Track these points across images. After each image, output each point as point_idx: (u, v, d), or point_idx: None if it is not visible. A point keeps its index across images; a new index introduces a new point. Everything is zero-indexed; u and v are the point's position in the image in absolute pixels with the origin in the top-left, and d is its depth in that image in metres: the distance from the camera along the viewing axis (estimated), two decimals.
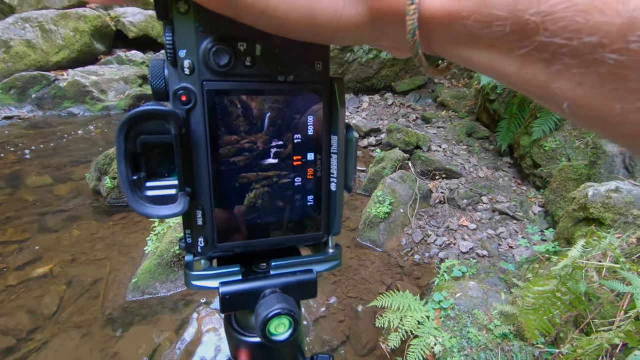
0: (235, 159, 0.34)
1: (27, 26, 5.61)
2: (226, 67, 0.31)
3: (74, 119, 5.16)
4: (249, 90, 0.33)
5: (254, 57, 0.32)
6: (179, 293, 2.44)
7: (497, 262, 2.68)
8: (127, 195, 0.29)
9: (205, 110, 0.32)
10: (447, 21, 0.20)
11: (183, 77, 0.31)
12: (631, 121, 0.18)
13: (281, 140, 0.35)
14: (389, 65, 5.74)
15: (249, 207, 0.36)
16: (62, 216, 3.15)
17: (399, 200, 3.17)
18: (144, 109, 0.28)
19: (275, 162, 0.35)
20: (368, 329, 2.26)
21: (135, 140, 0.29)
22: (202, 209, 0.34)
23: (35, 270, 2.58)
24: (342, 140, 0.37)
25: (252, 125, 0.33)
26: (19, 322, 2.21)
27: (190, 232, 0.35)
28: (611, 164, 2.48)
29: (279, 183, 0.36)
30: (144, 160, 0.31)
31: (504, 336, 1.72)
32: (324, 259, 0.40)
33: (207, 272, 0.36)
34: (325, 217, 0.39)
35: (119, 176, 0.29)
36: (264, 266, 0.39)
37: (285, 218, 0.38)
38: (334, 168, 0.38)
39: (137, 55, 6.37)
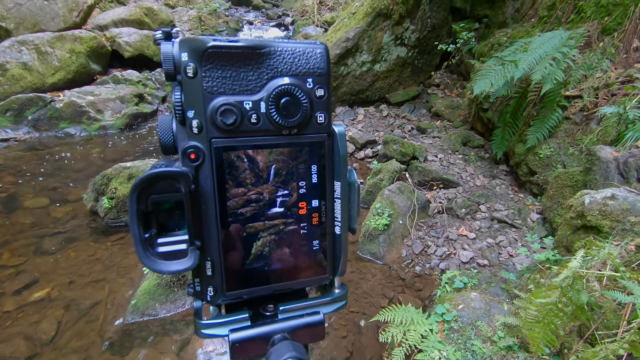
0: (243, 210, 0.35)
1: (23, 49, 5.65)
2: (232, 125, 0.33)
3: (70, 139, 5.16)
4: (255, 145, 0.34)
5: (259, 114, 0.34)
6: (179, 313, 2.41)
7: (498, 272, 2.67)
8: (139, 253, 0.30)
9: (213, 167, 0.33)
10: None
11: (191, 136, 0.33)
12: None
13: (286, 190, 0.36)
14: (383, 77, 5.81)
15: (256, 255, 0.37)
16: (59, 238, 3.13)
17: (398, 211, 3.18)
18: (155, 172, 0.30)
19: (281, 211, 0.37)
20: (371, 343, 2.24)
21: (147, 200, 0.31)
22: (211, 260, 0.35)
23: (32, 295, 2.55)
24: (344, 185, 0.38)
25: (258, 177, 0.35)
26: (15, 349, 2.16)
27: (199, 281, 0.36)
28: (606, 170, 2.51)
29: (285, 230, 0.37)
30: (154, 217, 0.32)
31: (508, 348, 1.71)
32: (330, 300, 0.41)
33: (216, 320, 0.37)
34: (331, 260, 0.40)
35: (131, 235, 0.30)
36: (271, 307, 0.39)
37: (292, 263, 0.38)
38: (338, 212, 0.39)
39: (133, 74, 6.42)
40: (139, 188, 0.30)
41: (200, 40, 0.32)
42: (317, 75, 0.36)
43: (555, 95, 3.31)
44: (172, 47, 0.32)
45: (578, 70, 3.26)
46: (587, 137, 3.06)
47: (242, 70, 0.33)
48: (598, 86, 3.16)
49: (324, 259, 0.40)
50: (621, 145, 2.59)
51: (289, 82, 0.34)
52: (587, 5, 3.74)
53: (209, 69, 0.32)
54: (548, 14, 4.22)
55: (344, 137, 0.38)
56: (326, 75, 0.36)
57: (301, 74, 0.35)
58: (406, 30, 5.60)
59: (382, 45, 5.57)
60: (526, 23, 4.59)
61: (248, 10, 12.15)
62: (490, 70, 3.56)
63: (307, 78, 0.35)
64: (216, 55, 0.32)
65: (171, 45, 0.32)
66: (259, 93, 0.34)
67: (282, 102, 0.34)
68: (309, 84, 0.35)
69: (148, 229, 0.32)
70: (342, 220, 0.39)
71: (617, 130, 2.82)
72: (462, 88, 5.74)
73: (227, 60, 0.33)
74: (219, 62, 0.33)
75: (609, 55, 3.31)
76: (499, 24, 5.14)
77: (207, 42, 0.32)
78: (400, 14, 5.40)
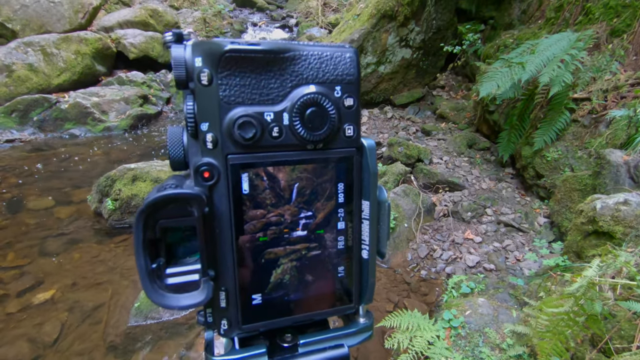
0: (261, 234, 0.32)
1: (29, 50, 5.68)
2: (252, 140, 0.29)
3: (75, 140, 5.17)
4: (277, 162, 0.31)
5: (281, 126, 0.30)
6: (183, 317, 2.39)
7: (505, 276, 2.63)
8: (145, 287, 0.27)
9: (230, 186, 0.30)
10: None
11: (205, 151, 0.29)
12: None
13: (310, 211, 0.33)
14: (387, 79, 5.78)
15: (275, 283, 0.33)
16: (63, 239, 3.12)
17: (403, 214, 3.14)
18: (164, 194, 0.26)
19: (304, 235, 0.33)
20: (377, 349, 2.21)
21: (155, 226, 0.27)
22: (226, 290, 0.32)
23: (35, 297, 2.54)
24: (374, 205, 0.35)
25: (279, 197, 0.32)
26: (19, 351, 2.15)
27: (211, 312, 0.32)
28: (616, 174, 2.46)
29: (307, 256, 0.34)
30: (162, 244, 0.29)
31: (517, 357, 1.67)
32: (355, 331, 0.37)
33: (230, 356, 0.33)
34: (357, 287, 0.37)
35: (136, 266, 0.27)
36: (289, 338, 0.36)
37: (315, 292, 0.35)
38: (366, 235, 0.35)
39: (138, 75, 6.44)
40: (145, 213, 0.26)
41: (217, 43, 0.28)
42: (346, 83, 0.32)
43: (563, 98, 3.27)
44: (185, 50, 0.28)
45: (586, 72, 3.22)
46: (596, 140, 3.02)
47: (263, 78, 0.30)
48: (607, 88, 3.12)
49: (350, 286, 0.36)
50: (632, 148, 2.55)
51: (316, 90, 0.31)
52: (595, 7, 3.70)
53: (226, 76, 0.29)
54: (555, 16, 4.18)
55: (374, 152, 0.34)
56: (356, 82, 0.32)
57: (329, 82, 0.31)
58: (411, 32, 5.58)
59: (386, 47, 5.54)
60: (533, 25, 4.55)
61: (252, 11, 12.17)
62: (496, 72, 3.53)
63: (335, 86, 0.32)
64: (234, 60, 0.29)
65: (183, 49, 0.28)
66: (282, 103, 0.30)
67: (308, 113, 0.30)
68: (337, 92, 0.32)
69: (155, 258, 0.28)
70: (371, 243, 0.35)
71: (627, 133, 2.77)
72: (467, 90, 5.70)
73: (247, 66, 0.29)
74: (237, 68, 0.29)
75: (618, 57, 3.27)
76: (505, 26, 5.10)
77: (225, 46, 0.29)
78: (405, 15, 5.38)
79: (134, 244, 0.27)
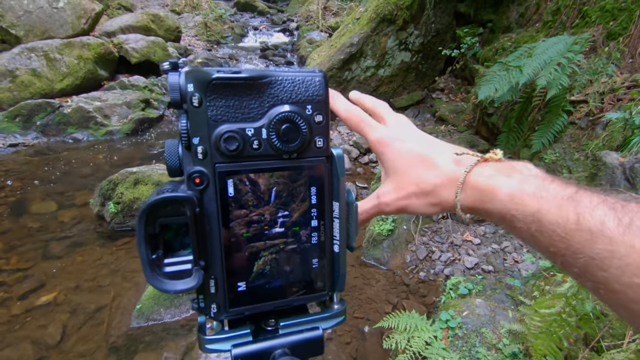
0: (245, 231, 0.37)
1: (32, 55, 5.75)
2: (235, 151, 0.34)
3: (77, 144, 5.23)
4: (257, 169, 0.36)
5: (260, 140, 0.35)
6: (184, 319, 2.42)
7: (503, 278, 2.65)
8: (146, 274, 0.32)
9: (217, 190, 0.35)
10: (472, 212, 0.43)
11: (196, 161, 0.35)
12: None
13: (287, 211, 0.38)
14: (387, 82, 5.83)
15: (258, 273, 0.38)
16: (66, 242, 3.16)
17: (402, 216, 3.17)
18: (162, 197, 0.32)
19: (281, 231, 0.38)
20: (375, 350, 2.23)
21: (154, 223, 0.32)
22: (215, 278, 0.37)
23: (39, 299, 2.57)
24: (343, 206, 0.40)
25: (260, 199, 0.37)
26: (22, 352, 2.19)
27: (203, 298, 0.37)
28: (612, 176, 2.49)
29: (285, 249, 0.39)
30: (161, 238, 0.34)
31: (513, 355, 1.70)
32: (329, 316, 0.42)
33: (219, 335, 0.38)
34: (330, 277, 0.42)
35: (139, 257, 0.32)
36: (272, 322, 0.41)
37: (292, 281, 0.40)
38: (336, 231, 0.40)
39: (140, 79, 6.50)
40: (147, 212, 0.31)
41: (205, 72, 0.34)
42: (316, 102, 0.37)
43: (560, 100, 3.30)
44: (179, 77, 0.34)
45: (583, 75, 3.25)
46: (592, 142, 3.04)
47: (245, 99, 0.35)
48: (603, 91, 3.15)
49: (323, 276, 0.41)
50: (627, 150, 2.57)
51: (289, 109, 0.36)
52: (592, 10, 3.73)
53: (213, 99, 0.34)
54: (552, 19, 4.22)
55: (342, 160, 0.39)
56: (324, 102, 0.38)
57: (301, 102, 0.37)
58: (410, 35, 5.62)
59: (386, 50, 5.59)
60: (530, 28, 4.59)
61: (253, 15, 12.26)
62: (494, 76, 3.56)
63: (307, 105, 0.37)
64: (220, 86, 0.34)
65: (178, 76, 0.34)
66: (261, 120, 0.36)
67: (283, 128, 0.35)
68: (308, 110, 0.37)
69: (155, 250, 0.33)
70: (341, 239, 0.40)
71: (623, 135, 2.80)
72: (466, 92, 5.73)
73: (231, 91, 0.35)
74: (222, 92, 0.34)
75: (615, 60, 3.30)
76: (503, 29, 5.14)
77: (212, 74, 0.34)
78: (404, 19, 5.43)
79: (137, 237, 0.32)
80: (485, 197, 0.39)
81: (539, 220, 0.34)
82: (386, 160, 0.46)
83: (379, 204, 0.46)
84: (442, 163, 0.43)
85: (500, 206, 0.37)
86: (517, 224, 0.36)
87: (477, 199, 0.40)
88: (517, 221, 0.36)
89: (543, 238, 0.34)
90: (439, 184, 0.43)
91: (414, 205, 0.45)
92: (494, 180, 0.39)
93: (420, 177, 0.43)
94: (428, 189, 0.43)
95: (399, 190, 0.45)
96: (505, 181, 0.38)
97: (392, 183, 0.46)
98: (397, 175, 0.45)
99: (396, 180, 0.45)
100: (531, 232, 0.35)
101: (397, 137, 0.46)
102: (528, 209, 0.35)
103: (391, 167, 0.46)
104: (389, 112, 0.51)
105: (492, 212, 0.38)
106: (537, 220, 0.34)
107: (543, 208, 0.34)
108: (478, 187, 0.40)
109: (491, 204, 0.38)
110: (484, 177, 0.40)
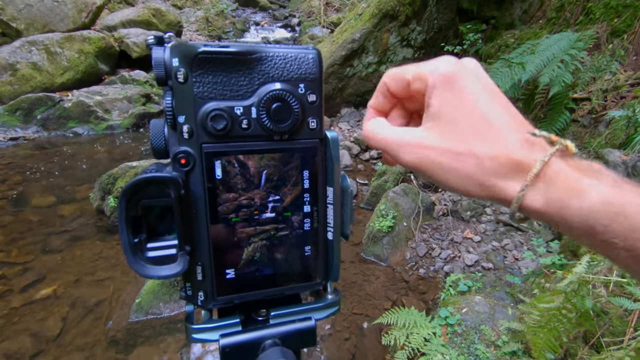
0: (233, 215, 0.35)
1: (33, 49, 5.73)
2: (223, 131, 0.32)
3: (78, 138, 5.22)
4: (246, 151, 0.34)
5: (250, 119, 0.33)
6: (183, 313, 2.42)
7: (503, 275, 2.65)
8: (128, 259, 0.30)
9: (204, 172, 0.33)
10: (536, 214, 0.32)
11: (182, 141, 0.33)
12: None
13: (278, 195, 0.36)
14: None
15: (247, 260, 0.37)
16: (66, 236, 3.16)
17: (402, 213, 3.16)
18: (144, 177, 0.30)
19: (272, 216, 0.36)
20: (374, 346, 2.23)
21: (137, 205, 0.31)
22: (202, 264, 0.35)
23: (38, 292, 2.58)
24: (337, 191, 0.38)
25: (249, 183, 0.35)
26: (21, 345, 2.19)
27: (190, 285, 0.36)
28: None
29: (276, 236, 0.37)
30: (144, 222, 0.32)
31: (512, 353, 1.69)
32: (322, 306, 0.41)
33: (207, 324, 0.37)
34: (323, 265, 0.40)
35: (120, 241, 0.30)
36: (263, 312, 0.39)
37: (284, 269, 0.38)
38: (330, 218, 0.39)
39: (140, 74, 6.48)
40: (128, 193, 0.30)
41: (191, 45, 0.32)
42: (309, 81, 0.35)
43: (563, 98, 3.28)
44: (164, 52, 0.32)
45: (586, 72, 3.22)
46: (595, 140, 3.03)
47: (233, 76, 0.33)
48: (607, 89, 3.12)
49: (317, 264, 0.39)
50: (630, 148, 2.55)
51: (280, 87, 0.34)
52: (596, 7, 3.70)
53: (199, 75, 0.32)
54: (556, 16, 4.18)
55: (337, 143, 0.37)
56: (318, 80, 0.36)
57: (293, 80, 0.35)
58: (412, 32, 5.59)
59: (388, 47, 5.55)
60: (534, 25, 4.55)
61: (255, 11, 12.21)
62: (497, 72, 3.54)
63: (299, 83, 0.35)
64: (207, 60, 0.32)
65: (162, 51, 0.32)
66: (250, 98, 0.34)
67: (273, 107, 0.33)
68: (300, 89, 0.35)
69: (137, 233, 0.31)
70: (335, 226, 0.39)
71: (626, 133, 2.78)
72: None
73: (218, 66, 0.33)
74: (209, 67, 0.32)
75: (618, 57, 3.27)
76: (507, 26, 5.11)
77: (198, 48, 0.32)
78: (407, 15, 5.39)
79: (119, 220, 0.30)
80: (568, 199, 0.30)
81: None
82: (438, 101, 0.33)
83: (402, 141, 0.34)
84: (511, 140, 0.32)
85: (587, 214, 0.29)
86: (612, 239, 0.28)
87: (553, 200, 0.30)
88: (614, 236, 0.28)
89: None
90: (497, 165, 0.32)
91: (448, 173, 0.33)
92: (579, 180, 0.30)
93: (477, 144, 0.32)
94: (483, 164, 0.32)
95: (442, 141, 0.33)
96: (593, 183, 0.29)
97: (434, 130, 0.33)
98: (444, 124, 0.33)
99: (441, 128, 0.33)
100: (637, 253, 0.28)
101: (464, 78, 0.33)
102: (633, 222, 0.27)
103: (443, 113, 0.33)
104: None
105: (573, 220, 0.30)
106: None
107: None
108: (558, 185, 0.30)
109: (574, 210, 0.29)
110: (566, 173, 0.30)
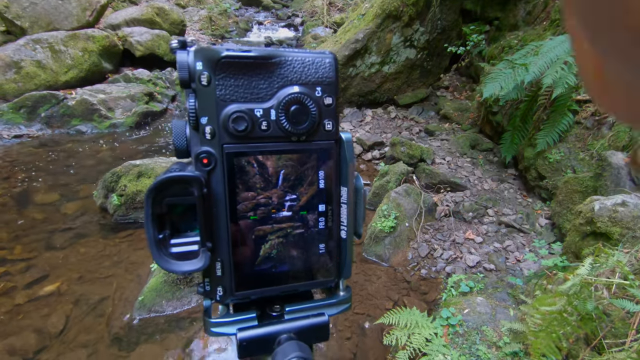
0: (252, 214, 0.36)
1: (37, 47, 5.76)
2: (244, 132, 0.34)
3: (81, 136, 5.24)
4: (265, 151, 0.35)
5: (269, 121, 0.35)
6: (185, 311, 2.43)
7: (505, 276, 2.65)
8: (153, 253, 0.31)
9: (225, 171, 0.35)
10: None
11: (204, 141, 0.34)
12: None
13: (294, 194, 0.37)
14: (391, 79, 5.79)
15: (264, 257, 0.38)
16: (69, 234, 3.18)
17: (404, 214, 3.17)
18: (170, 176, 0.31)
19: (289, 215, 0.38)
20: (375, 346, 2.24)
21: (161, 203, 0.32)
22: (221, 261, 0.36)
23: (42, 289, 2.59)
24: (351, 191, 0.39)
25: (268, 182, 0.36)
26: (25, 341, 2.21)
27: (209, 281, 0.37)
28: (617, 176, 2.47)
29: (292, 234, 0.38)
30: (168, 219, 0.33)
31: (514, 354, 1.70)
32: (335, 302, 0.42)
33: (224, 319, 0.38)
34: (336, 263, 0.41)
35: (146, 236, 0.31)
36: (278, 308, 0.40)
37: (299, 266, 0.39)
38: (344, 217, 0.40)
39: (144, 73, 6.50)
40: (154, 191, 0.31)
41: (215, 50, 0.33)
42: (325, 84, 0.37)
43: (566, 100, 3.27)
44: (188, 56, 0.33)
45: None
46: (598, 142, 3.02)
47: (254, 79, 0.35)
48: None
49: (330, 262, 0.41)
50: (633, 151, 2.55)
51: (299, 90, 0.35)
52: None
53: (222, 78, 0.33)
54: (560, 17, 4.17)
55: (351, 144, 0.39)
56: (334, 84, 0.37)
57: (310, 83, 0.36)
58: (416, 32, 5.58)
59: (391, 47, 5.55)
60: (538, 26, 4.54)
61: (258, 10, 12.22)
62: (500, 74, 3.53)
63: (316, 87, 0.36)
64: (229, 64, 0.34)
65: (186, 54, 0.33)
66: (270, 101, 0.35)
67: (292, 110, 0.35)
68: (317, 92, 0.36)
69: (162, 230, 0.33)
70: (348, 224, 0.40)
71: (629, 135, 2.77)
72: (471, 91, 5.70)
73: (240, 70, 0.34)
74: (232, 71, 0.34)
75: None
76: (510, 27, 5.10)
77: (221, 52, 0.33)
78: (410, 15, 5.39)
79: (144, 217, 0.32)
80: None
81: None
82: None
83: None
84: None
85: None
86: None
87: None
88: None
89: None
90: None
91: None
92: None
93: None
94: None
95: None
96: None
97: None
98: None
99: None
100: None
101: None
102: None
103: None
104: None
105: None
106: None
107: None
108: None
109: None
110: None
